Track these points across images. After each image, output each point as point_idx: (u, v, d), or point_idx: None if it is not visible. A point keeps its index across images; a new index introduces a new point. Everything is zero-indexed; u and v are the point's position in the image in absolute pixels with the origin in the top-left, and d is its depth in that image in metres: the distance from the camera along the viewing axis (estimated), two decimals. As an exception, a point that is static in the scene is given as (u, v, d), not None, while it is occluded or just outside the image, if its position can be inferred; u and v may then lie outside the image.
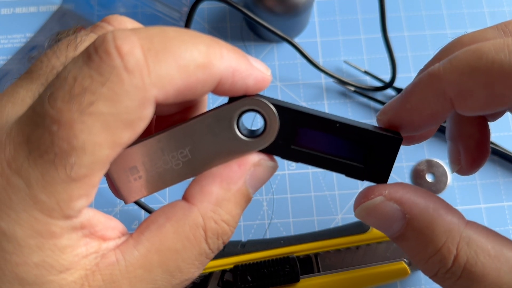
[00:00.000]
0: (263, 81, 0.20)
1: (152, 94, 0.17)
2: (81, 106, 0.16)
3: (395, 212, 0.21)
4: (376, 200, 0.21)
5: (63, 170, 0.17)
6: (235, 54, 0.19)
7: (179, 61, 0.17)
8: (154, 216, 0.20)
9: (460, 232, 0.20)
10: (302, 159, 0.22)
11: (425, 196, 0.21)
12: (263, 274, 0.34)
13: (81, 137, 0.16)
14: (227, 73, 0.19)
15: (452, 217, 0.21)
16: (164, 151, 0.21)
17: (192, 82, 0.18)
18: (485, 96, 0.19)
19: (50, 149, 0.16)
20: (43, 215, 0.17)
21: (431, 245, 0.20)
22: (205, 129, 0.21)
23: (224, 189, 0.20)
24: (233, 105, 0.21)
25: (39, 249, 0.17)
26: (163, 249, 0.19)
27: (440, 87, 0.20)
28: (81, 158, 0.17)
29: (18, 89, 0.20)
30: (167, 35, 0.18)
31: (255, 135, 0.21)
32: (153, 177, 0.21)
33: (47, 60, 0.20)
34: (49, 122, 0.16)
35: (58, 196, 0.17)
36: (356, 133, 0.21)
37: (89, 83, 0.16)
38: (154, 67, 0.17)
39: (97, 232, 0.19)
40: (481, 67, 0.19)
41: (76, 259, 0.18)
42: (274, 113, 0.21)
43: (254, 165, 0.21)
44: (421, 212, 0.21)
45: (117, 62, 0.16)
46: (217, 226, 0.20)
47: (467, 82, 0.19)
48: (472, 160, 0.27)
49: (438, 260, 0.20)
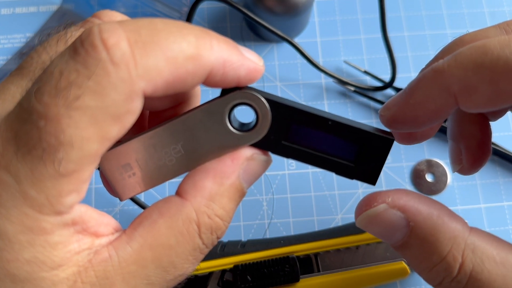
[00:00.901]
0: (255, 71, 0.20)
1: (140, 87, 0.17)
2: (68, 101, 0.16)
3: (398, 219, 0.21)
4: (380, 208, 0.21)
5: (52, 166, 0.16)
6: (226, 44, 0.19)
7: (167, 52, 0.17)
8: (148, 211, 0.20)
9: (465, 239, 0.20)
10: (293, 155, 0.22)
11: (429, 203, 0.21)
12: (263, 274, 0.34)
13: (68, 132, 0.16)
14: (218, 64, 0.19)
15: (457, 224, 0.20)
16: (157, 147, 0.21)
17: (181, 74, 0.18)
18: (489, 93, 0.19)
19: (38, 144, 0.16)
20: (33, 211, 0.17)
21: (436, 253, 0.20)
22: (197, 124, 0.20)
23: (218, 183, 0.20)
24: (225, 98, 0.20)
25: (30, 245, 0.17)
26: (156, 244, 0.19)
27: (445, 82, 0.20)
28: (69, 153, 0.16)
29: (9, 86, 0.20)
30: (155, 27, 0.18)
31: (246, 129, 0.21)
32: (147, 174, 0.21)
33: (37, 56, 0.20)
34: (36, 117, 0.16)
35: (47, 191, 0.17)
36: (348, 132, 0.21)
37: (75, 77, 0.16)
38: (141, 60, 0.17)
39: (90, 228, 0.19)
40: (486, 63, 0.19)
41: (68, 255, 0.18)
42: (266, 107, 0.21)
43: (247, 159, 0.21)
44: (425, 220, 0.20)
45: (103, 55, 0.16)
46: (210, 221, 0.20)
47: (471, 78, 0.19)
48: (474, 159, 0.27)
49: (443, 268, 0.20)
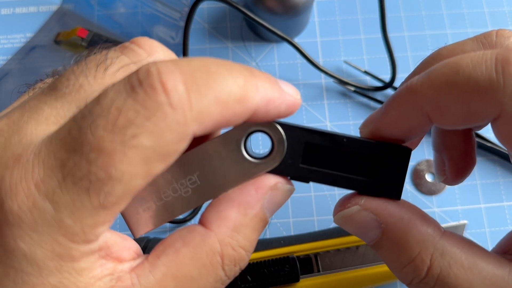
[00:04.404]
0: (294, 105, 0.20)
1: (192, 129, 0.17)
2: (125, 138, 0.16)
3: (370, 221, 0.21)
4: (352, 209, 0.22)
5: (96, 198, 0.17)
6: (269, 83, 0.19)
7: (219, 96, 0.18)
8: (171, 239, 0.20)
9: (435, 243, 0.20)
10: (313, 178, 0.21)
11: (401, 206, 0.21)
12: (263, 274, 0.34)
13: (121, 168, 0.16)
14: (262, 104, 0.19)
15: (427, 228, 0.21)
16: (172, 179, 0.20)
17: (229, 115, 0.18)
18: (462, 112, 0.19)
19: (86, 176, 0.16)
20: (65, 239, 0.17)
21: (405, 255, 0.21)
22: (213, 154, 0.20)
23: (242, 214, 0.20)
24: (239, 128, 0.20)
25: (58, 271, 0.17)
26: (179, 275, 0.19)
27: (417, 102, 0.20)
28: (115, 187, 0.17)
29: (42, 105, 0.19)
30: (209, 70, 0.18)
31: (263, 156, 0.21)
32: (162, 207, 0.21)
33: (75, 78, 0.20)
34: (88, 149, 0.16)
35: (84, 221, 0.17)
36: (365, 147, 0.21)
37: (134, 117, 0.16)
38: (196, 103, 0.17)
39: (113, 253, 0.19)
40: (458, 82, 0.19)
41: (92, 281, 0.18)
42: (280, 132, 0.21)
43: (271, 189, 0.21)
44: (396, 222, 0.21)
45: (162, 98, 0.16)
46: (234, 253, 0.20)
47: (444, 97, 0.19)
48: (457, 170, 0.26)
49: (411, 270, 0.21)
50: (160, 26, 0.47)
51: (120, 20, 0.48)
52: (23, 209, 0.17)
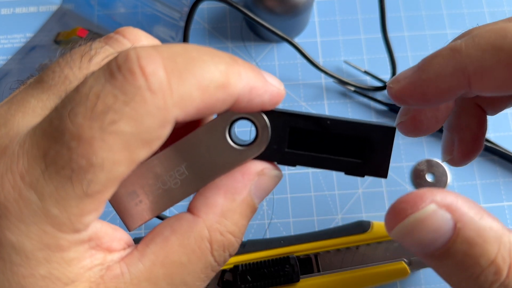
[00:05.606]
0: (278, 96, 0.21)
1: (173, 115, 0.17)
2: (103, 124, 0.16)
3: (446, 222, 0.18)
4: (429, 209, 0.18)
5: (79, 186, 0.16)
6: (252, 72, 0.19)
7: (200, 81, 0.17)
8: (160, 227, 0.20)
9: (510, 238, 0.18)
10: (299, 161, 0.22)
11: (468, 200, 0.19)
12: (263, 274, 0.34)
13: (101, 155, 0.16)
14: (245, 91, 0.19)
15: (498, 223, 0.19)
16: (161, 172, 0.21)
17: (211, 101, 0.18)
18: (504, 76, 0.19)
19: (67, 165, 0.16)
20: (53, 229, 0.17)
21: (485, 256, 0.18)
22: (198, 144, 0.21)
23: (229, 199, 0.20)
24: (223, 115, 0.21)
25: (47, 261, 0.17)
26: (168, 262, 0.19)
27: (461, 62, 0.20)
28: (98, 175, 0.17)
29: (29, 98, 0.19)
30: (190, 55, 0.18)
31: (248, 143, 0.21)
32: (153, 200, 0.21)
33: (60, 70, 0.20)
34: (68, 137, 0.16)
35: (70, 210, 0.17)
36: (349, 128, 0.21)
37: (113, 102, 0.16)
38: (177, 88, 0.17)
39: (103, 244, 0.19)
40: (505, 46, 0.19)
41: (81, 271, 0.18)
42: (263, 118, 0.21)
43: (258, 174, 0.21)
44: (471, 219, 0.18)
45: (141, 82, 0.16)
46: (223, 238, 0.20)
47: (488, 59, 0.19)
48: (465, 152, 0.27)
49: (492, 272, 0.18)
50: (160, 26, 0.47)
51: (120, 20, 0.48)
52: (10, 200, 0.17)
